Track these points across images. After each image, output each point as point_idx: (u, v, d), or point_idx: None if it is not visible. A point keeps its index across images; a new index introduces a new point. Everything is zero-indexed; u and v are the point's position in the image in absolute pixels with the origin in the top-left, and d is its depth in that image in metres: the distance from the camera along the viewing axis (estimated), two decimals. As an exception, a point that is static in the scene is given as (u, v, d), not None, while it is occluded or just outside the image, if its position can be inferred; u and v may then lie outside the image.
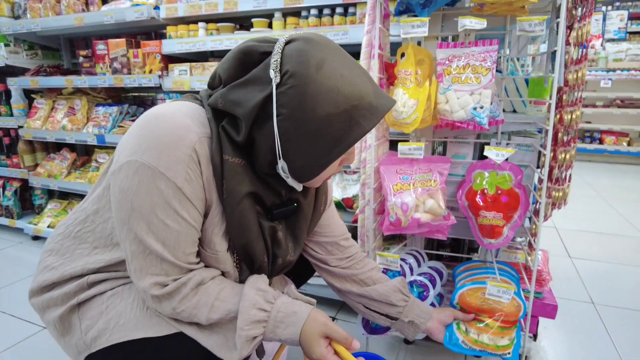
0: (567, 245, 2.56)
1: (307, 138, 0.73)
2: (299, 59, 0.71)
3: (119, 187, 0.75)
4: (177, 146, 0.73)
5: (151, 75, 2.06)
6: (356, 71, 0.75)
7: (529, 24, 1.08)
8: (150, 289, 0.77)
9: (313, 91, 0.70)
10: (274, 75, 0.72)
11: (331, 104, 0.71)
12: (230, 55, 0.79)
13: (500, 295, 1.14)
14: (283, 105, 0.72)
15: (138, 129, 0.76)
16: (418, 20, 1.12)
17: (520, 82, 1.41)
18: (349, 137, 0.74)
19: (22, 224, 2.72)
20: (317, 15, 1.70)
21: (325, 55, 0.73)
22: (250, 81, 0.75)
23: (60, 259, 0.90)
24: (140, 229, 0.74)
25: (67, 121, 2.49)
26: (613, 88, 4.93)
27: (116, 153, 0.78)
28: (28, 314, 1.80)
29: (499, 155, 1.12)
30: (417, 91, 1.19)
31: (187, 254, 0.79)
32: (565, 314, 1.76)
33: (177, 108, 0.79)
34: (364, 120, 0.73)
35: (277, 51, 0.73)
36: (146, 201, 0.73)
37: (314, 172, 0.79)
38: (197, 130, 0.76)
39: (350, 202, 1.71)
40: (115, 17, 2.10)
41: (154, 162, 0.72)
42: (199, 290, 0.81)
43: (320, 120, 0.71)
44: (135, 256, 0.76)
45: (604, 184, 4.23)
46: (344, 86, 0.72)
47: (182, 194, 0.74)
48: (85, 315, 0.86)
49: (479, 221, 1.24)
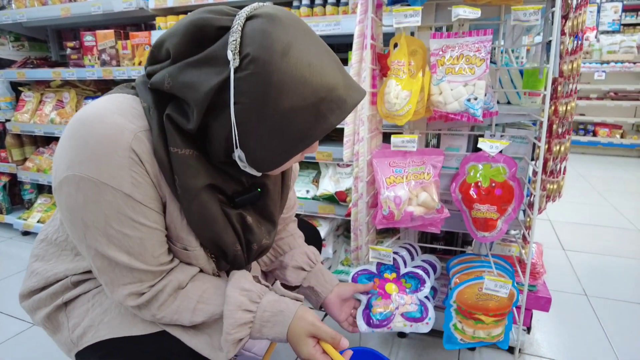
0: (560, 238, 2.57)
1: (269, 131, 0.66)
2: (263, 42, 0.62)
3: (65, 206, 0.69)
4: (114, 151, 0.66)
5: (140, 67, 2.02)
6: (325, 58, 0.67)
7: (524, 13, 1.06)
8: (125, 300, 0.74)
9: (277, 81, 0.62)
10: (232, 58, 0.62)
11: (297, 96, 0.63)
12: (182, 28, 0.67)
13: (498, 289, 1.14)
14: (242, 93, 0.64)
15: (68, 140, 0.68)
16: (411, 9, 1.10)
17: (515, 74, 1.39)
18: (314, 131, 0.67)
19: (12, 219, 2.68)
20: (309, 5, 1.67)
21: (292, 39, 0.64)
22: (205, 61, 0.66)
23: (45, 265, 0.89)
24: (100, 243, 0.69)
25: (55, 114, 2.44)
26: (607, 80, 4.94)
27: (53, 168, 0.71)
28: (18, 311, 1.77)
29: (493, 147, 1.11)
30: (410, 82, 1.17)
31: (157, 255, 0.75)
32: (559, 306, 1.76)
33: (104, 106, 0.70)
34: (332, 115, 0.67)
35: (237, 29, 0.63)
36: (98, 215, 0.67)
37: (275, 164, 0.73)
38: (130, 127, 0.68)
39: (344, 195, 1.69)
40: (103, 7, 2.05)
41: (93, 174, 0.65)
42: (178, 295, 0.78)
43: (284, 113, 0.64)
44: (102, 271, 0.72)
45: (597, 176, 4.24)
46: (312, 76, 0.64)
47: (133, 200, 0.69)
48: (72, 314, 0.85)
49: (472, 214, 1.23)
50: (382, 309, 1.19)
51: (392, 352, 1.50)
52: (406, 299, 1.22)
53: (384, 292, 1.23)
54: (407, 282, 1.28)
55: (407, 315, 1.21)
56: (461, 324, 1.24)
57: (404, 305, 1.21)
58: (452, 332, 1.25)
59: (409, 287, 1.27)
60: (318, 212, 1.78)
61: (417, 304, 1.24)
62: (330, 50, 0.71)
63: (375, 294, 1.21)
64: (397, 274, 1.28)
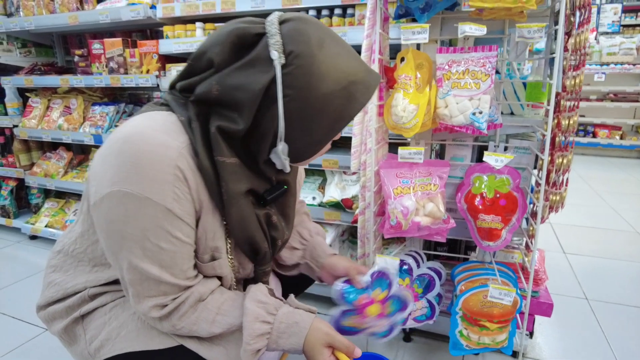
0: (561, 241, 2.61)
1: (311, 117, 0.74)
2: (302, 39, 0.71)
3: (104, 219, 0.73)
4: (159, 168, 0.70)
5: (148, 75, 2.04)
6: (347, 48, 0.77)
7: (528, 30, 1.10)
8: (150, 311, 0.77)
9: (318, 70, 0.71)
10: (278, 56, 0.70)
11: (333, 81, 0.72)
12: (222, 38, 0.74)
13: (502, 297, 1.17)
14: (288, 87, 0.71)
15: (113, 157, 0.71)
16: (419, 26, 1.13)
17: (518, 85, 1.42)
18: (348, 112, 0.76)
19: (20, 223, 2.71)
20: (315, 16, 1.70)
21: (322, 33, 0.73)
22: (250, 64, 0.73)
23: (63, 276, 0.92)
24: (135, 256, 0.73)
25: (63, 120, 2.47)
26: (606, 82, 4.97)
27: (92, 183, 0.74)
28: (30, 316, 1.81)
29: (499, 161, 1.14)
30: (417, 96, 1.20)
31: (185, 269, 0.79)
32: (560, 310, 1.80)
33: (146, 124, 0.74)
34: (361, 95, 0.76)
35: (275, 32, 0.72)
36: (136, 228, 0.71)
37: (313, 151, 0.81)
38: (174, 144, 0.72)
39: (350, 202, 1.73)
40: (111, 16, 2.08)
41: (137, 189, 0.69)
42: (197, 307, 0.81)
43: (324, 98, 0.72)
44: (132, 283, 0.76)
45: (597, 177, 4.28)
46: (342, 63, 0.73)
47: (172, 215, 0.72)
48: (89, 326, 0.88)
49: (477, 224, 1.26)
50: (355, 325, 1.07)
51: (397, 356, 1.54)
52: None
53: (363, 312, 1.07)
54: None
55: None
56: (467, 331, 1.28)
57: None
58: (457, 339, 1.29)
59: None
60: (324, 218, 1.81)
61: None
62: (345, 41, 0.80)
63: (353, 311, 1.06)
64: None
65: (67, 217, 2.64)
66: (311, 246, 1.13)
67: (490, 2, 1.08)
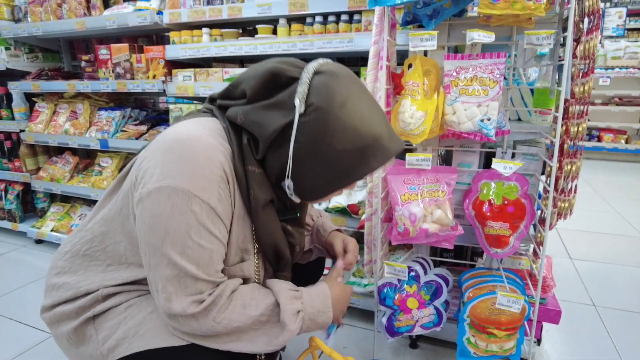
0: (567, 246, 2.59)
1: (319, 166, 0.78)
2: (326, 94, 0.75)
3: (150, 213, 0.75)
4: (209, 168, 0.76)
5: (155, 80, 2.05)
6: (375, 111, 0.80)
7: (537, 37, 1.09)
8: (187, 307, 0.77)
9: (334, 127, 0.75)
10: (299, 105, 0.76)
11: (348, 141, 0.76)
12: (259, 73, 0.81)
13: (510, 305, 1.17)
14: (302, 134, 0.77)
15: (165, 155, 0.76)
16: (427, 33, 1.13)
17: (525, 91, 1.42)
18: (357, 172, 0.79)
19: (25, 227, 2.72)
20: (322, 22, 1.70)
21: (350, 93, 0.77)
22: (275, 105, 0.79)
23: (73, 276, 0.92)
24: (175, 252, 0.75)
25: (69, 125, 2.48)
26: (611, 86, 4.96)
27: (140, 178, 0.78)
28: (36, 321, 1.81)
29: (507, 168, 1.14)
30: (425, 103, 1.20)
31: (218, 269, 0.82)
32: (567, 317, 1.78)
33: (196, 128, 0.80)
34: (374, 160, 0.78)
35: (305, 81, 0.77)
36: (181, 224, 0.74)
37: (318, 196, 0.85)
38: (222, 148, 0.79)
39: (356, 208, 1.72)
40: (118, 21, 2.09)
41: (187, 186, 0.73)
42: (233, 297, 0.83)
43: (334, 154, 0.76)
44: (169, 280, 0.77)
45: (602, 181, 4.26)
46: (363, 126, 0.76)
47: (214, 214, 0.77)
48: (102, 326, 0.87)
49: (485, 231, 1.26)
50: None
51: (404, 363, 1.53)
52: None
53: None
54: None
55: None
56: (474, 338, 1.27)
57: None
58: (465, 346, 1.28)
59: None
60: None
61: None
62: (379, 105, 0.84)
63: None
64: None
65: (73, 221, 2.65)
66: (315, 229, 1.21)
67: (499, 9, 1.08)
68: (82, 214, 2.68)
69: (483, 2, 1.09)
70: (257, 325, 0.85)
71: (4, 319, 1.85)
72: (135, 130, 2.33)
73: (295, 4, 1.68)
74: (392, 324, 1.36)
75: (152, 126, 2.38)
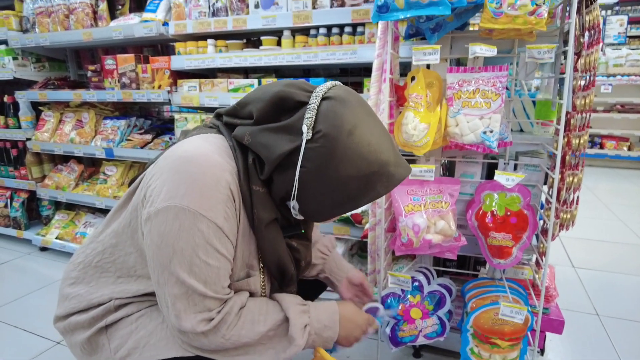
0: (570, 254, 2.59)
1: (324, 191, 0.79)
2: (333, 121, 0.76)
3: (157, 232, 0.76)
4: (216, 187, 0.76)
5: (160, 90, 2.08)
6: (382, 137, 0.80)
7: (538, 51, 1.11)
8: (197, 326, 0.78)
9: (341, 154, 0.76)
10: (306, 131, 0.76)
11: (354, 168, 0.76)
12: (267, 96, 0.81)
13: (514, 315, 1.17)
14: (309, 159, 0.77)
15: (172, 174, 0.77)
16: (430, 47, 1.14)
17: (527, 102, 1.44)
18: (362, 198, 0.79)
19: (30, 235, 2.74)
20: (325, 34, 1.73)
21: (357, 120, 0.77)
22: (282, 129, 0.79)
23: (86, 287, 0.93)
24: (182, 271, 0.76)
25: (75, 134, 2.51)
26: (613, 93, 4.97)
27: (147, 196, 0.79)
28: (41, 329, 1.82)
29: (509, 180, 1.15)
30: (428, 115, 1.21)
31: (225, 286, 0.83)
32: (571, 326, 1.78)
33: (204, 146, 0.81)
34: (380, 186, 0.79)
35: (313, 107, 0.78)
36: (188, 243, 0.75)
37: (322, 218, 0.86)
38: (228, 167, 0.80)
39: (359, 217, 1.74)
40: (124, 32, 2.12)
41: (194, 206, 0.74)
42: (241, 313, 0.84)
43: (339, 179, 0.77)
44: (178, 298, 0.77)
45: (605, 188, 4.26)
46: (369, 154, 0.77)
47: (221, 232, 0.78)
48: (114, 336, 0.89)
49: (488, 242, 1.27)
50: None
51: (408, 373, 1.53)
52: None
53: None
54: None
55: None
56: (478, 348, 1.28)
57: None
58: (469, 356, 1.29)
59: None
60: (333, 233, 1.82)
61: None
62: (386, 130, 0.84)
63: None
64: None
65: (78, 229, 2.67)
66: (331, 261, 1.22)
67: (501, 24, 1.10)
68: (86, 221, 2.69)
69: (485, 16, 1.11)
70: (265, 340, 0.86)
71: (8, 327, 1.86)
72: (140, 139, 2.35)
73: (300, 16, 1.70)
74: (395, 333, 1.36)
75: (157, 135, 2.40)
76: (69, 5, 2.31)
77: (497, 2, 1.08)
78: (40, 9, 2.41)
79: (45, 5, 2.40)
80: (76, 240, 2.59)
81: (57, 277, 2.34)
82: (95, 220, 2.69)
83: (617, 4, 5.91)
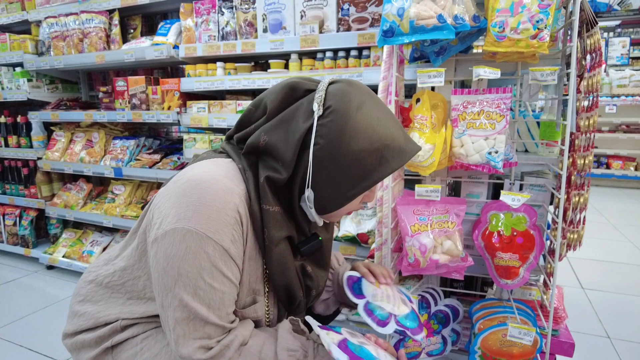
0: (578, 275, 2.56)
1: (338, 169, 0.78)
2: (342, 98, 0.79)
3: (164, 254, 0.75)
4: (223, 211, 0.76)
5: (169, 111, 2.12)
6: (390, 116, 0.82)
7: (541, 74, 1.13)
8: (194, 353, 0.76)
9: (351, 127, 0.77)
10: (317, 108, 0.78)
11: (366, 141, 0.77)
12: (278, 88, 0.85)
13: (522, 337, 1.16)
14: (321, 136, 0.78)
15: (180, 197, 0.77)
16: (435, 70, 1.17)
17: (532, 122, 1.45)
18: (377, 173, 0.79)
19: (37, 253, 2.76)
20: (332, 57, 1.77)
21: (365, 98, 0.80)
22: (294, 112, 0.82)
23: (94, 306, 0.94)
24: (187, 294, 0.75)
25: (85, 153, 2.55)
26: (618, 113, 4.99)
27: (156, 219, 0.79)
28: (46, 348, 1.82)
29: (515, 200, 1.15)
30: (433, 136, 1.23)
31: (229, 312, 0.81)
32: (582, 349, 1.75)
33: (213, 170, 0.81)
34: (393, 160, 0.79)
35: (322, 88, 0.81)
36: (194, 266, 0.74)
37: (338, 204, 0.83)
38: (237, 191, 0.80)
39: (365, 237, 1.74)
40: (136, 55, 2.18)
41: (201, 228, 0.74)
42: (241, 351, 0.81)
43: (353, 154, 0.77)
44: (179, 322, 0.76)
45: (613, 208, 4.22)
46: (379, 127, 0.78)
47: (228, 255, 0.77)
48: (119, 356, 0.89)
49: (495, 262, 1.26)
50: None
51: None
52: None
53: None
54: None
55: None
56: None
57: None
58: (477, 379, 1.27)
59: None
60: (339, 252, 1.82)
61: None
62: (392, 112, 0.85)
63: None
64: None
65: (85, 247, 2.68)
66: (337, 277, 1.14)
67: (504, 47, 1.13)
68: (93, 240, 2.71)
69: (489, 40, 1.14)
70: None
71: (14, 346, 1.86)
72: (149, 159, 2.39)
73: (307, 40, 1.75)
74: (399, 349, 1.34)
75: (165, 155, 2.44)
76: (83, 29, 2.39)
77: (500, 27, 1.11)
78: (56, 33, 2.49)
79: (60, 30, 2.48)
80: (83, 258, 2.61)
81: (63, 296, 2.35)
82: (102, 239, 2.71)
83: (619, 26, 5.99)
